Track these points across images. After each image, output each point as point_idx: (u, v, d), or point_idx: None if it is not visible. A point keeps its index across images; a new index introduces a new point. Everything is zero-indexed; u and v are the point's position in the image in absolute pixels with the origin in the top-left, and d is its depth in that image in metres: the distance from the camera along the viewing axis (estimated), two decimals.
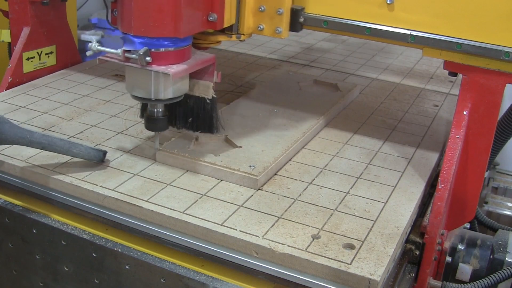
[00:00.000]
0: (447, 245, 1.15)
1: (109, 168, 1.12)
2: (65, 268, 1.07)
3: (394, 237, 0.96)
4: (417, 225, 1.10)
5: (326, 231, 0.96)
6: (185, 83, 1.09)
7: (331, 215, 1.01)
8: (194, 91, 1.12)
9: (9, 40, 1.61)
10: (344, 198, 1.07)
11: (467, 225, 1.37)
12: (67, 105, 1.40)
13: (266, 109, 1.38)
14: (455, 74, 1.13)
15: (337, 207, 1.04)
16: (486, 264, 1.13)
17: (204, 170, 1.11)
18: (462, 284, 1.11)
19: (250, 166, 1.10)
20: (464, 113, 1.09)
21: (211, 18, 1.05)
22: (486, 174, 1.72)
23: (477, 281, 1.10)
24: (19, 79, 1.53)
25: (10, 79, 1.51)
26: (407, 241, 1.06)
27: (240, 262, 0.94)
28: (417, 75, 1.80)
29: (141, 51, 0.99)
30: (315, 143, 1.28)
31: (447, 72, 1.14)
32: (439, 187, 1.06)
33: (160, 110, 1.11)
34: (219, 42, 1.16)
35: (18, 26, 1.53)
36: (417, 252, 1.06)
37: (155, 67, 1.02)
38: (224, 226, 0.96)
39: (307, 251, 0.91)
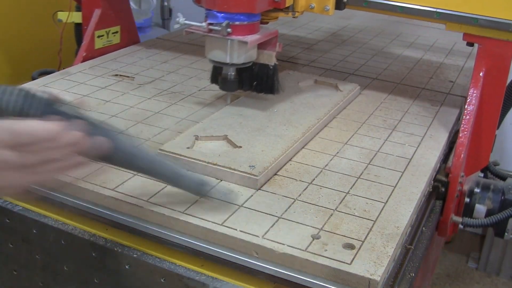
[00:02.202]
0: (466, 188, 1.39)
1: (109, 168, 1.11)
2: (65, 268, 1.07)
3: (394, 237, 0.96)
4: (442, 168, 1.33)
5: (326, 231, 0.96)
6: (254, 51, 1.34)
7: (331, 215, 1.01)
8: (259, 59, 1.37)
9: (79, 21, 1.86)
10: (344, 198, 1.07)
11: (481, 175, 1.66)
12: (67, 105, 1.39)
13: (266, 109, 1.38)
14: (472, 44, 1.40)
15: (337, 207, 1.04)
16: (498, 204, 1.36)
17: (204, 170, 1.11)
18: (477, 219, 1.36)
19: (250, 166, 1.10)
20: (480, 74, 1.35)
21: None
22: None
23: (491, 217, 1.34)
24: (92, 54, 1.78)
25: (85, 54, 1.76)
26: (435, 179, 1.29)
27: (240, 262, 0.94)
28: (417, 75, 1.80)
29: (224, 24, 1.24)
30: (315, 143, 1.28)
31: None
32: (460, 135, 1.32)
33: (233, 73, 1.36)
34: (277, 18, 1.42)
35: (90, 9, 1.79)
36: (443, 189, 1.30)
37: (234, 37, 1.27)
38: (224, 226, 0.96)
39: (307, 251, 0.91)
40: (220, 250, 0.95)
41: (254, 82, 1.39)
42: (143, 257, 0.99)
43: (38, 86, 1.50)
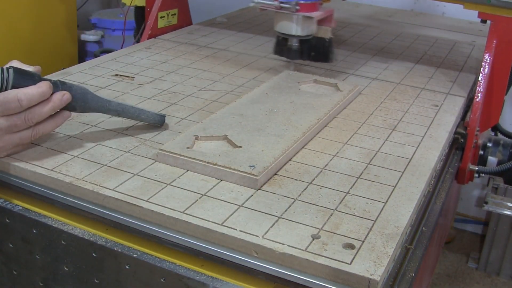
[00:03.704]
0: (480, 142, 1.67)
1: (109, 168, 1.12)
2: (65, 268, 1.07)
3: (394, 237, 0.96)
4: (460, 124, 1.58)
5: (326, 231, 0.96)
6: (315, 26, 1.59)
7: (331, 215, 1.01)
8: (317, 33, 1.62)
9: (141, 4, 2.13)
10: (344, 198, 1.07)
11: (492, 133, 2.01)
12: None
13: (266, 109, 1.38)
14: (485, 21, 1.70)
15: (337, 207, 1.04)
16: (507, 157, 1.67)
17: (204, 170, 1.11)
18: (490, 167, 1.66)
19: (250, 166, 1.10)
20: (493, 45, 1.60)
21: None
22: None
23: (501, 165, 1.65)
24: (155, 32, 2.05)
25: (150, 32, 2.02)
26: (456, 132, 1.54)
27: (240, 262, 0.94)
28: (417, 75, 1.80)
29: (293, 2, 1.51)
30: (315, 143, 1.28)
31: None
32: (476, 95, 1.58)
33: (296, 44, 1.61)
34: (329, 0, 1.70)
35: None
36: (462, 140, 1.55)
37: (301, 13, 1.54)
38: (224, 226, 0.96)
39: (307, 251, 0.91)
40: (220, 250, 0.95)
41: (312, 52, 1.64)
42: (143, 257, 0.99)
43: None
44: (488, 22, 1.62)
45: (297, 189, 1.09)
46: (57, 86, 1.10)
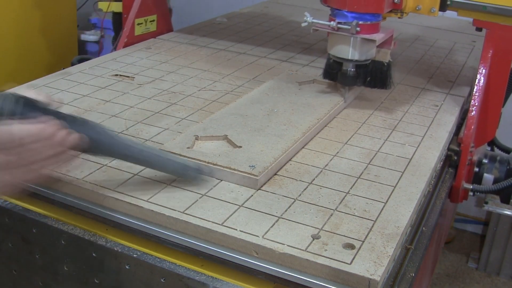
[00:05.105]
0: (475, 158, 1.54)
1: (109, 168, 1.12)
2: (65, 268, 1.07)
3: (394, 237, 0.96)
4: (454, 140, 1.47)
5: (326, 231, 0.96)
6: (374, 49, 1.40)
7: (331, 215, 1.01)
8: (375, 56, 1.43)
9: (119, 11, 2.03)
10: (344, 198, 1.07)
11: (488, 148, 1.86)
12: (67, 105, 1.40)
13: (266, 109, 1.38)
14: (480, 29, 1.53)
15: (337, 207, 1.04)
16: (504, 174, 1.53)
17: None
18: (485, 186, 1.53)
19: (250, 166, 1.10)
20: (489, 55, 1.49)
21: (396, 0, 1.40)
22: None
23: (497, 184, 1.51)
24: (132, 40, 1.93)
25: (126, 40, 1.90)
26: (448, 149, 1.44)
27: (240, 262, 0.94)
28: (417, 75, 1.80)
29: (353, 23, 1.30)
30: (315, 143, 1.28)
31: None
32: (471, 109, 1.47)
33: (353, 69, 1.41)
34: (385, 18, 1.45)
35: None
36: (456, 158, 1.44)
37: (362, 35, 1.33)
38: (224, 226, 0.96)
39: (307, 251, 0.91)
40: (220, 250, 0.95)
41: (368, 77, 1.45)
42: (143, 257, 0.99)
43: (39, 86, 1.50)
44: (484, 30, 1.51)
45: (297, 189, 1.09)
46: (66, 121, 0.91)
